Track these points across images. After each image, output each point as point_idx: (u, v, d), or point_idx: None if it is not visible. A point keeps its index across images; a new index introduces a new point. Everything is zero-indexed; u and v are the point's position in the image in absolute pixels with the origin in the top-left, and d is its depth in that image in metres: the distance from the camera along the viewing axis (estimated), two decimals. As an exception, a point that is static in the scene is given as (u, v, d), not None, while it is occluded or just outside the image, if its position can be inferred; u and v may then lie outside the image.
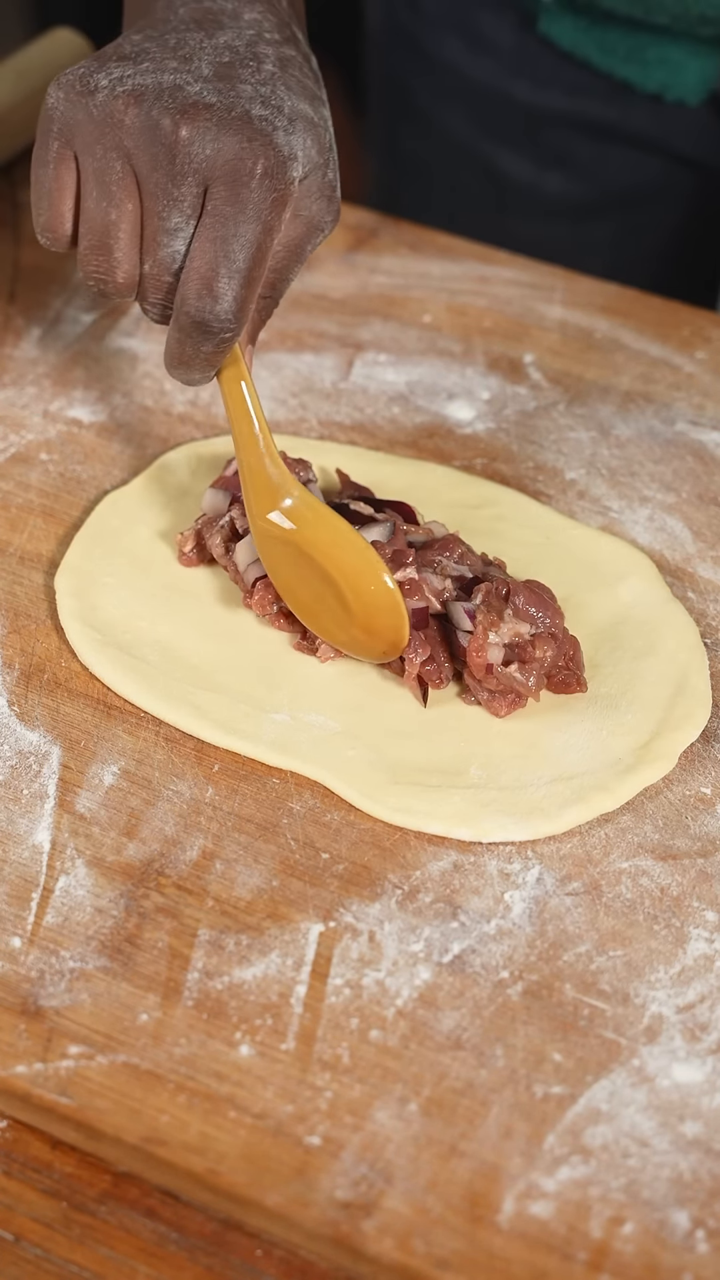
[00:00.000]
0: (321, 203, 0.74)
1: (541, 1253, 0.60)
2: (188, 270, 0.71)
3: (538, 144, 1.10)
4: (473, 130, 1.13)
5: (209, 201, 0.71)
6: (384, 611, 0.74)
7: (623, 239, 1.12)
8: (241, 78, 0.73)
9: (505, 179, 1.13)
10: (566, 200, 1.11)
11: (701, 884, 0.69)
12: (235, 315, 0.71)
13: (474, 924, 0.68)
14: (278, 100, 0.72)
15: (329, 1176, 0.61)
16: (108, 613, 0.78)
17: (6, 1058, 0.64)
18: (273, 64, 0.74)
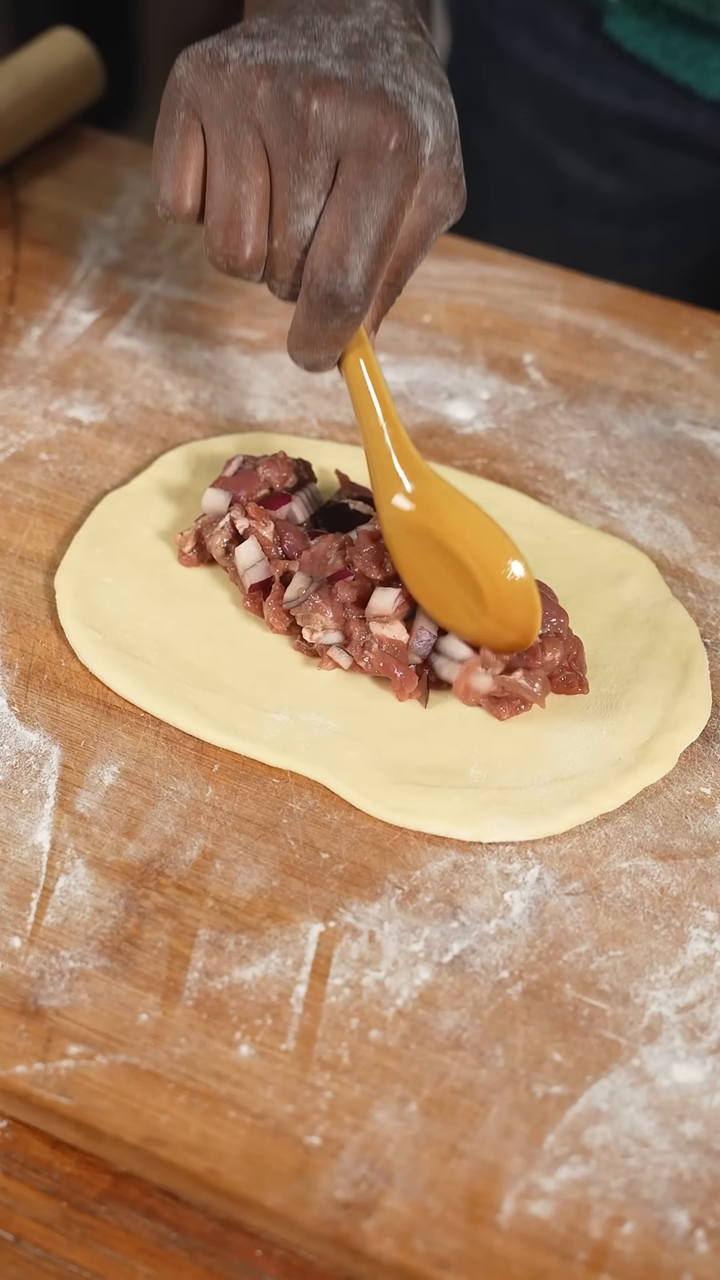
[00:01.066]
0: (448, 189, 0.73)
1: (541, 1253, 0.60)
2: (317, 243, 0.70)
3: (598, 144, 1.10)
4: (536, 126, 1.12)
5: (341, 175, 0.70)
6: (518, 602, 0.72)
7: (673, 245, 1.11)
8: (372, 56, 0.72)
9: (564, 177, 1.12)
10: (620, 202, 1.11)
11: (701, 884, 0.69)
12: (365, 289, 0.70)
13: (474, 924, 0.68)
14: (409, 79, 0.72)
15: (329, 1176, 0.61)
16: (108, 612, 0.78)
17: (6, 1058, 0.64)
18: (401, 47, 0.73)
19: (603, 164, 1.10)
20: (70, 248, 0.99)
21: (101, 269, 0.97)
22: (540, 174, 1.13)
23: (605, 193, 1.11)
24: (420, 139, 0.71)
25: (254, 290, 0.96)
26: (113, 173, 1.04)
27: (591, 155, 1.10)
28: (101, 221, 1.00)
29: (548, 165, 1.12)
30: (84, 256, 0.98)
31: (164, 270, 0.97)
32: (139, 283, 0.96)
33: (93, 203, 1.01)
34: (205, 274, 0.97)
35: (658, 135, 1.07)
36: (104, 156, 1.05)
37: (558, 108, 1.11)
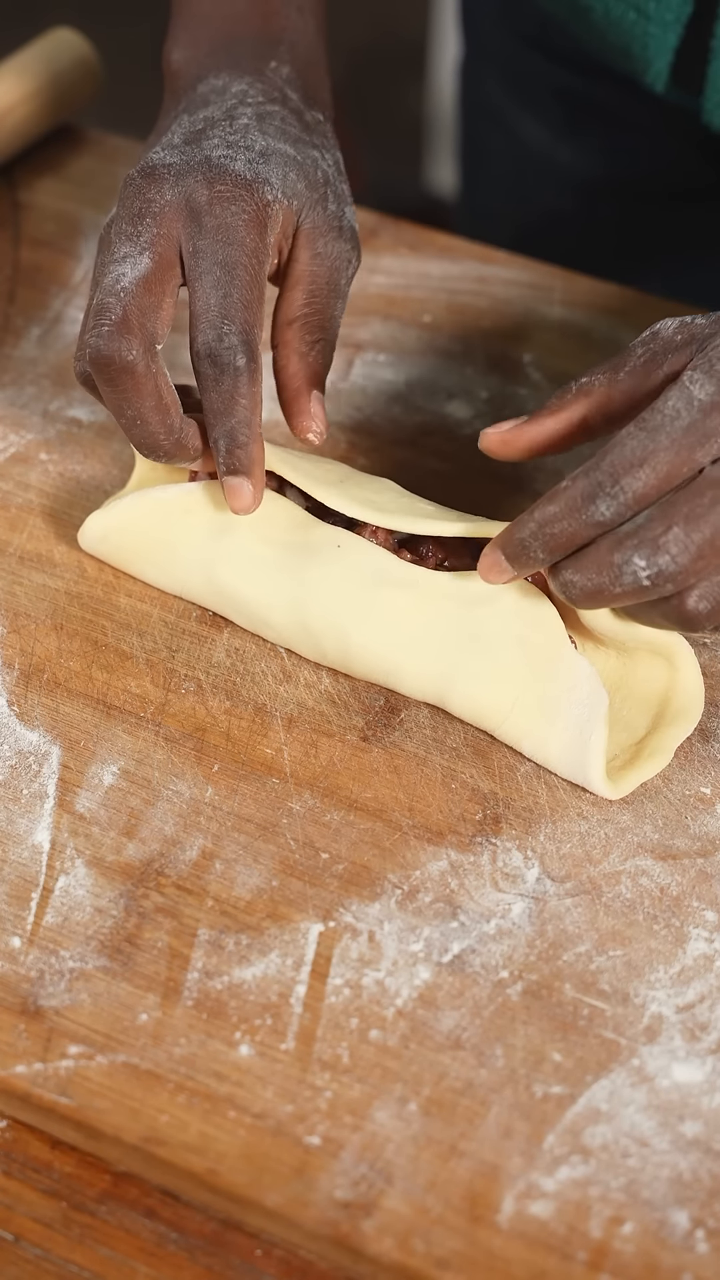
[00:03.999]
0: (333, 235, 0.75)
1: (541, 1252, 0.60)
2: (190, 319, 0.72)
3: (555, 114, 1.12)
4: (504, 94, 1.14)
5: (186, 245, 0.72)
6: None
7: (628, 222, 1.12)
8: (210, 135, 0.75)
9: (526, 147, 1.14)
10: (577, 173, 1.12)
11: (701, 884, 0.69)
12: (241, 343, 0.71)
13: (473, 924, 0.68)
14: (247, 142, 0.75)
15: (329, 1176, 0.61)
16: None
17: (6, 1058, 0.64)
18: (248, 119, 0.76)
19: (559, 133, 1.11)
20: (70, 248, 0.99)
21: (101, 269, 0.97)
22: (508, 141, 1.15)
23: (562, 162, 1.12)
24: (254, 185, 0.73)
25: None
26: (113, 173, 1.04)
27: (550, 124, 1.12)
28: (101, 221, 1.00)
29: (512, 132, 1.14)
30: (84, 256, 0.98)
31: (164, 270, 0.97)
32: (139, 283, 0.96)
33: (93, 203, 1.01)
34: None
35: (603, 113, 1.08)
36: (104, 156, 1.05)
37: (523, 78, 1.12)
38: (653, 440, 0.66)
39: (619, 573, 0.65)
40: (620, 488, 0.66)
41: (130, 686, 0.76)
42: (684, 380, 0.66)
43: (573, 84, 1.08)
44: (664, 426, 0.66)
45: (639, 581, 0.65)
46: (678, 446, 0.65)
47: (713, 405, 0.65)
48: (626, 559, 0.65)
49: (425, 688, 0.74)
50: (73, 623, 0.79)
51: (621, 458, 0.66)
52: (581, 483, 0.66)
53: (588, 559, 0.66)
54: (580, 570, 0.67)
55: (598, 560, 0.66)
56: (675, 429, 0.66)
